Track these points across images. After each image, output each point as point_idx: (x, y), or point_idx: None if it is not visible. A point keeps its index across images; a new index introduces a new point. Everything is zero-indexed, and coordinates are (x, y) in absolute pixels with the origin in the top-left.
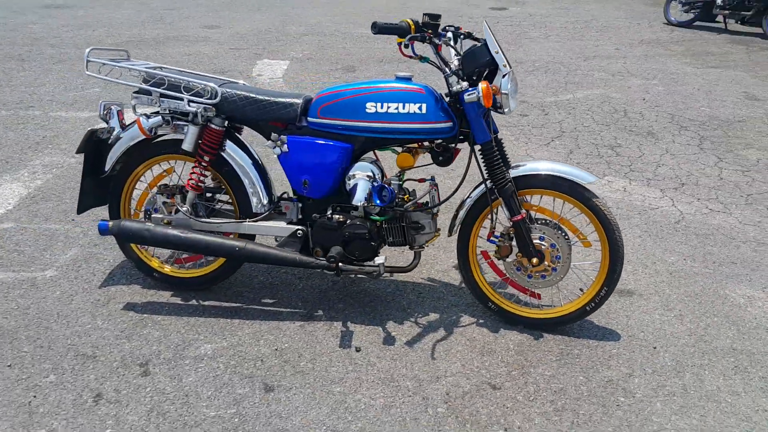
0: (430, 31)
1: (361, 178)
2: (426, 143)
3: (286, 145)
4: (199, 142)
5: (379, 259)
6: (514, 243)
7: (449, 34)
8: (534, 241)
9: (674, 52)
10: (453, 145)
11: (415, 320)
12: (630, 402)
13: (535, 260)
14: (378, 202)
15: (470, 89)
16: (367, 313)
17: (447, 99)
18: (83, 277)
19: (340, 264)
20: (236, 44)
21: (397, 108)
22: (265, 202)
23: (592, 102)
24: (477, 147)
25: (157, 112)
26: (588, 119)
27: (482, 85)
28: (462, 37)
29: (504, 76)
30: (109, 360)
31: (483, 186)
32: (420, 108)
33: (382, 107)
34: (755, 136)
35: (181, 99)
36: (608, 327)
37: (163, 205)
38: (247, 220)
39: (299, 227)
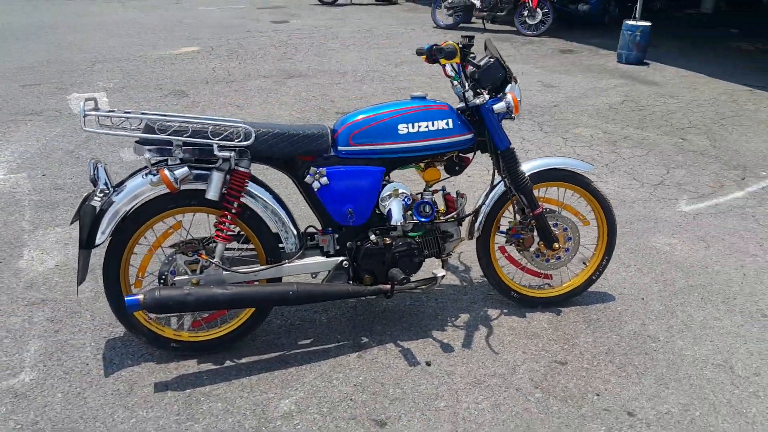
0: (472, 53)
1: (394, 198)
2: (438, 156)
3: (325, 177)
4: (224, 188)
5: (440, 272)
6: (534, 234)
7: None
8: None
9: None
10: (472, 154)
11: (453, 324)
12: (661, 345)
13: (556, 245)
14: (421, 218)
15: (492, 100)
16: (407, 329)
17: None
18: (76, 371)
19: (395, 285)
20: (23, 80)
21: (427, 126)
22: (296, 239)
23: None
24: (497, 152)
25: (165, 161)
26: None
27: (510, 95)
28: None
29: (516, 85)
30: None
31: (497, 189)
32: (447, 123)
33: (413, 127)
34: (574, 117)
35: (210, 145)
36: (599, 291)
37: (186, 265)
38: (286, 261)
39: (343, 258)
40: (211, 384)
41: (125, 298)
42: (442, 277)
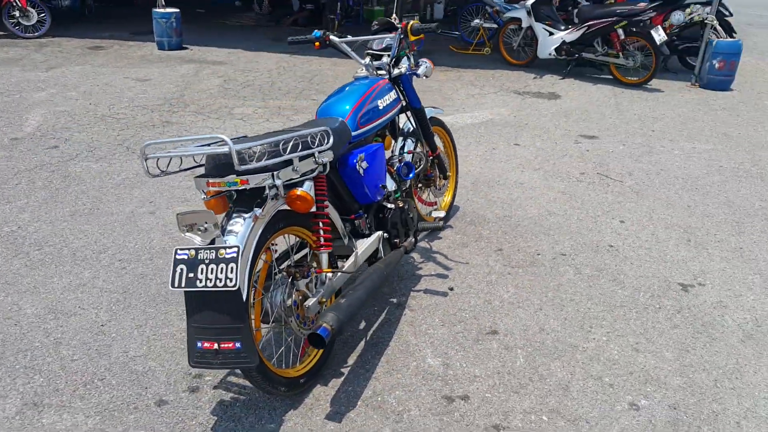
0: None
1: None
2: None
3: (365, 161)
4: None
5: (441, 214)
6: (437, 170)
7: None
8: None
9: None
10: (397, 118)
11: (422, 259)
12: (582, 219)
13: (449, 174)
14: (408, 177)
15: (414, 67)
16: (406, 279)
17: None
18: None
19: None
20: None
21: (388, 98)
22: (346, 231)
23: (68, 116)
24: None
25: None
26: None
27: (428, 62)
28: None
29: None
30: None
31: (408, 143)
32: (396, 93)
33: (383, 101)
34: (214, 101)
35: (313, 155)
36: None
37: (306, 288)
38: (357, 251)
39: (382, 231)
40: (363, 387)
41: (317, 332)
42: (443, 217)
